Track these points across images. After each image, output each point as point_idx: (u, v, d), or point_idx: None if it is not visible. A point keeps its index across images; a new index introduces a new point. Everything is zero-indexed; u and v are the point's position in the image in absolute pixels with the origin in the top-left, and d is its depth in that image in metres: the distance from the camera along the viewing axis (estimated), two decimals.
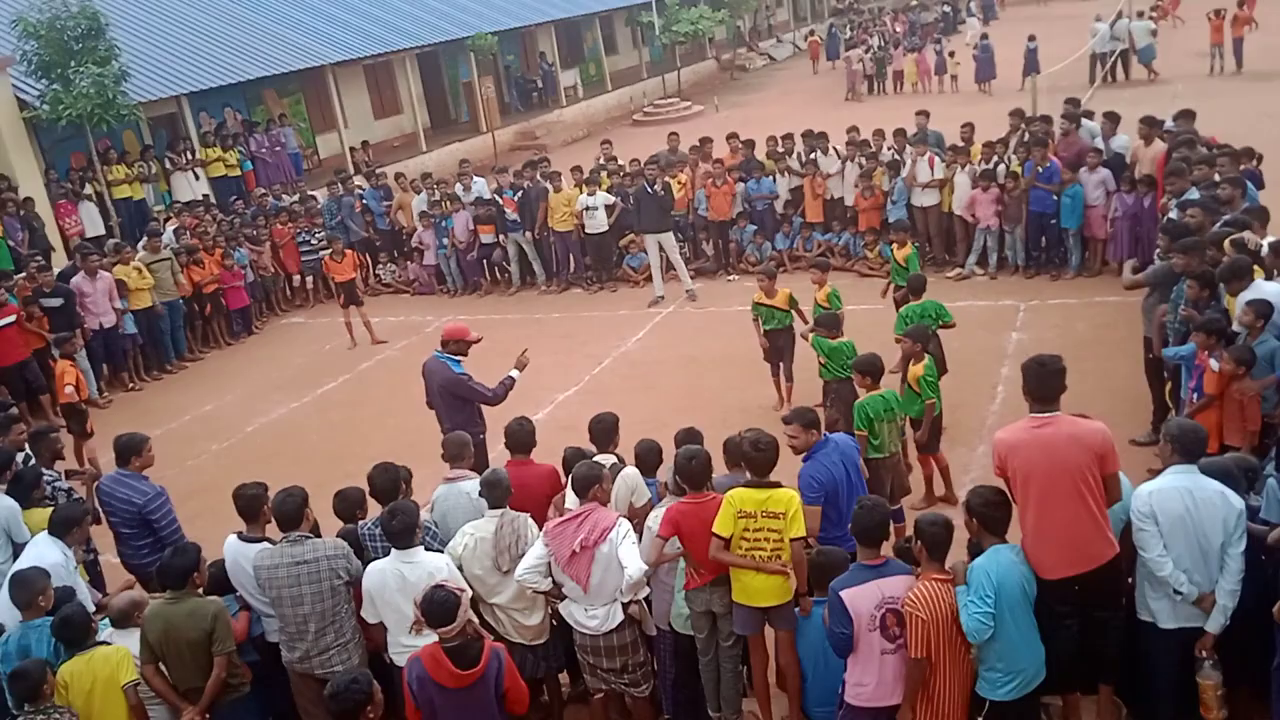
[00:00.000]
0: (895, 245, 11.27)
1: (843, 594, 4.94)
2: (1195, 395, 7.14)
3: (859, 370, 7.70)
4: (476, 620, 5.82)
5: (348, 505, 6.27)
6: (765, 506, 5.35)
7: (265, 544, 5.92)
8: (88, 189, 18.59)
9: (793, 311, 10.24)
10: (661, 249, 14.50)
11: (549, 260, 16.07)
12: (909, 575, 4.97)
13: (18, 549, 6.84)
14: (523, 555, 5.74)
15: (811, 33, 40.83)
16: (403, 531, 5.51)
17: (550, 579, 5.69)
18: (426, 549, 5.73)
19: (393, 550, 5.57)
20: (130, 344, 14.12)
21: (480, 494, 6.03)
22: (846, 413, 8.09)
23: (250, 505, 6.03)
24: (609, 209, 15.24)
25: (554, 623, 6.06)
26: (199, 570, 5.68)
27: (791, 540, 5.32)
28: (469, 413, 8.25)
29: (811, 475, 5.93)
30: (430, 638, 4.95)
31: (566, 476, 6.44)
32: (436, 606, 4.78)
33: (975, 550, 5.15)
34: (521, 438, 6.65)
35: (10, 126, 17.99)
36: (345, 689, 4.45)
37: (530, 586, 5.70)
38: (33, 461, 8.08)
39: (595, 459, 6.54)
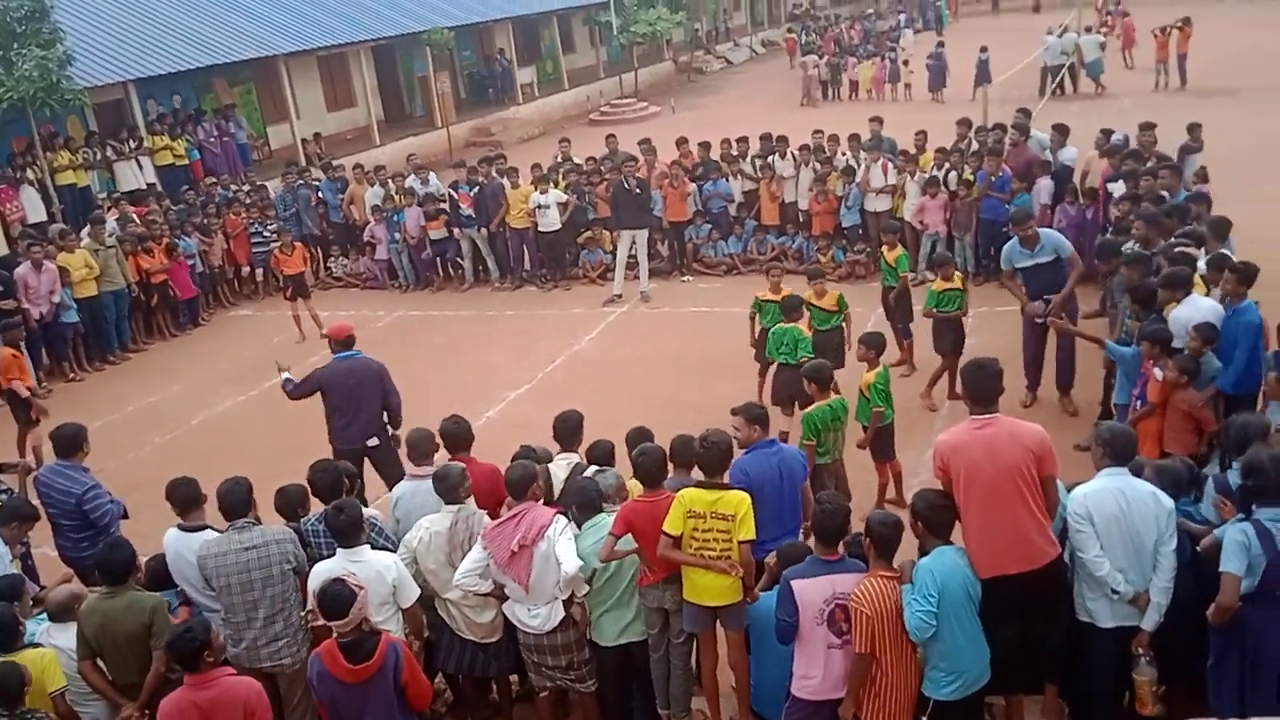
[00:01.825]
0: (885, 247, 11.33)
1: (793, 583, 5.01)
2: (1139, 402, 7.30)
3: (807, 377, 7.70)
4: (421, 619, 5.82)
5: (289, 502, 6.15)
6: (715, 508, 5.37)
7: (208, 531, 5.82)
8: (30, 174, 18.15)
9: (843, 313, 10.22)
10: (633, 245, 14.49)
11: (503, 257, 15.99)
12: (861, 573, 5.03)
13: None
14: None
15: (789, 30, 41.32)
16: (349, 528, 5.45)
17: (490, 581, 5.65)
18: (375, 547, 5.67)
19: (338, 550, 5.49)
20: (72, 333, 13.81)
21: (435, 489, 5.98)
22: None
23: (185, 495, 5.94)
24: (561, 207, 15.21)
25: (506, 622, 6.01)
26: (136, 564, 5.57)
27: (740, 542, 5.34)
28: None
29: (742, 467, 5.92)
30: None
31: None
32: (331, 599, 4.80)
33: (925, 552, 5.21)
34: (459, 435, 6.53)
35: None
36: (179, 637, 4.68)
37: (469, 589, 5.67)
38: None
39: (557, 457, 6.53)
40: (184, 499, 5.97)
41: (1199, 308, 7.51)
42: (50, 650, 5.32)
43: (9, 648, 5.23)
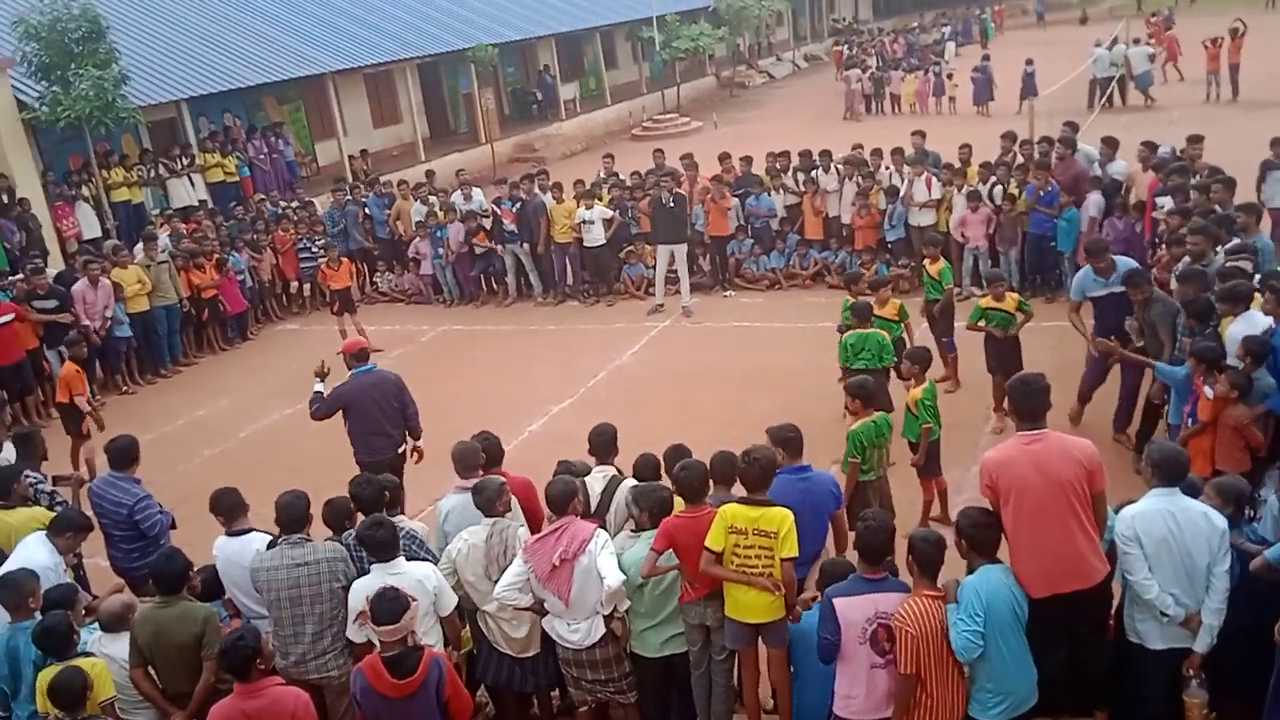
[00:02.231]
0: (928, 260, 11.23)
1: (835, 601, 4.97)
2: (1190, 420, 7.17)
3: (850, 393, 7.64)
4: (459, 628, 5.87)
5: (337, 514, 6.25)
6: (757, 524, 5.33)
7: (254, 534, 5.91)
8: (85, 191, 18.58)
9: (903, 323, 10.15)
10: (673, 260, 14.53)
11: (547, 272, 16.08)
12: (905, 592, 4.98)
13: None
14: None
15: (836, 43, 41.55)
16: (387, 542, 5.51)
17: (531, 595, 5.65)
18: (411, 558, 5.73)
19: (375, 566, 5.53)
20: (125, 347, 14.09)
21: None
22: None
23: (229, 504, 6.11)
24: (606, 223, 15.27)
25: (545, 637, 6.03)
26: (189, 575, 5.68)
27: (783, 560, 5.30)
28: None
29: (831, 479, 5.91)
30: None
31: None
32: (386, 604, 4.85)
33: (971, 570, 5.16)
34: (491, 452, 6.62)
35: (9, 127, 17.97)
36: (233, 645, 4.76)
37: (509, 603, 5.67)
38: (13, 461, 8.04)
39: (594, 470, 6.54)
40: (228, 508, 6.12)
41: (1255, 324, 7.28)
42: (102, 660, 5.41)
43: (64, 656, 5.33)
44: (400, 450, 8.58)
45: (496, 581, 5.76)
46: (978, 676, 4.92)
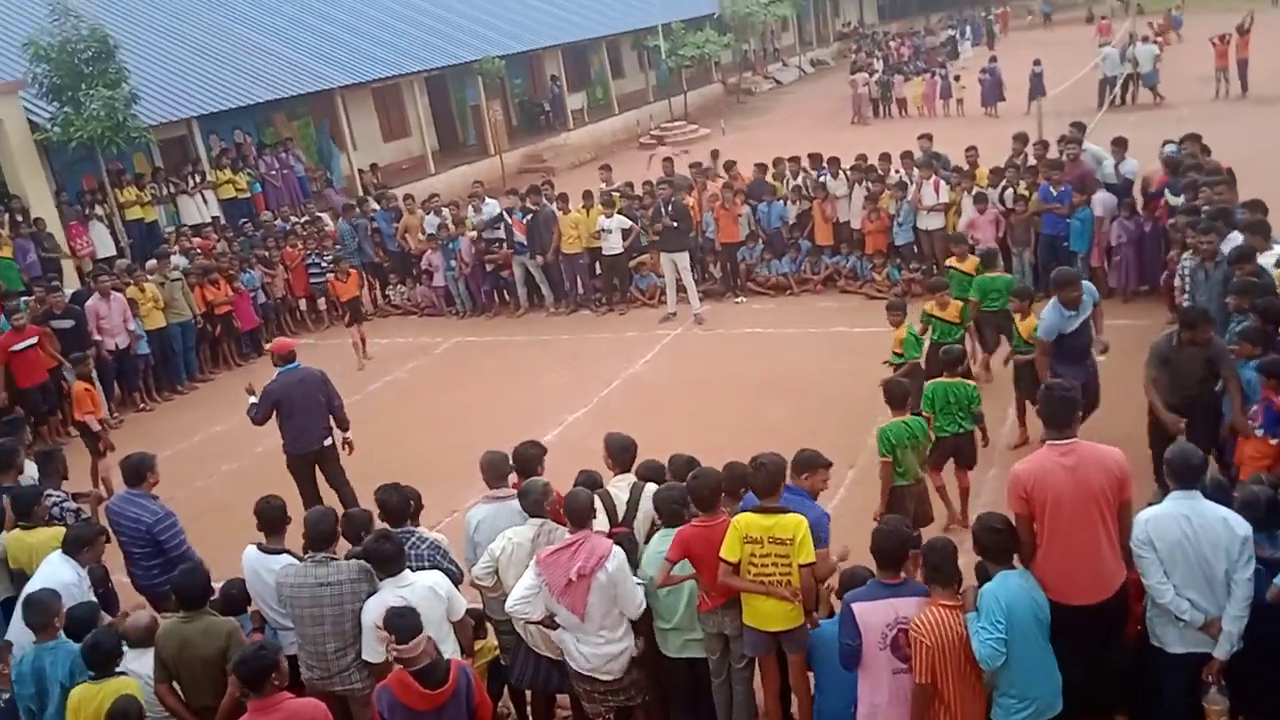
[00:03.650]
0: (956, 259, 11.28)
1: (854, 606, 4.96)
2: (1261, 430, 6.86)
3: (886, 395, 7.61)
4: (471, 634, 5.94)
5: (354, 527, 6.29)
6: (772, 533, 5.31)
7: (287, 556, 5.95)
8: (99, 210, 18.72)
9: (965, 325, 10.08)
10: (676, 268, 14.56)
11: (558, 282, 16.12)
12: (924, 596, 4.97)
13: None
14: None
15: (851, 47, 41.72)
16: (394, 556, 5.53)
17: (542, 608, 5.61)
18: (434, 569, 5.77)
19: (384, 582, 5.53)
20: (143, 364, 14.19)
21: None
22: None
23: (274, 518, 6.13)
24: (625, 232, 15.30)
25: None
26: (211, 590, 5.72)
27: (800, 566, 5.29)
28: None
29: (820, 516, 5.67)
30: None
31: None
32: (401, 620, 4.86)
33: (983, 576, 5.15)
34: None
35: (22, 148, 18.09)
36: (253, 654, 4.78)
37: (521, 617, 5.66)
38: (36, 478, 8.10)
39: (616, 479, 6.53)
40: (271, 521, 6.15)
41: None
42: (135, 680, 5.44)
43: (106, 672, 5.36)
44: (327, 442, 9.32)
45: None
46: (1000, 683, 4.90)
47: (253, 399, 9.23)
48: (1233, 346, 7.43)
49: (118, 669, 5.47)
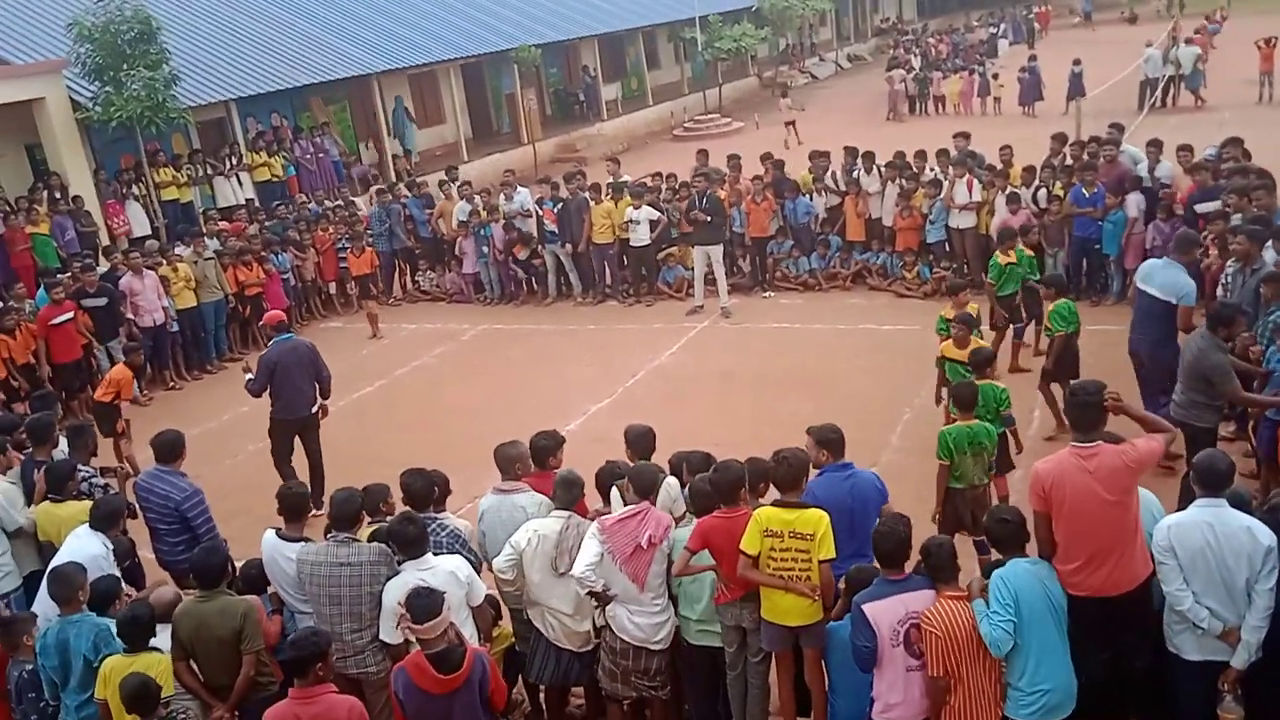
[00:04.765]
0: (1000, 253, 11.23)
1: (865, 607, 4.96)
2: None
3: (951, 398, 7.57)
4: (490, 619, 5.96)
5: (373, 500, 6.33)
6: (793, 527, 5.31)
7: (304, 543, 5.99)
8: (135, 190, 18.94)
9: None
10: (709, 260, 14.54)
11: (586, 272, 16.14)
12: (931, 589, 4.98)
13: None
14: None
15: (889, 43, 41.56)
16: (418, 539, 5.56)
17: (601, 580, 5.63)
18: (454, 555, 5.79)
19: (406, 564, 5.57)
20: (172, 342, 14.34)
21: (552, 493, 6.04)
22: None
23: (296, 505, 6.17)
24: (653, 224, 15.28)
25: (596, 629, 6.04)
26: (229, 569, 5.76)
27: (820, 562, 5.29)
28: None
29: (811, 489, 5.72)
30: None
31: (601, 491, 6.48)
32: (422, 601, 4.89)
33: (989, 570, 5.16)
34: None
35: (64, 127, 18.36)
36: (305, 638, 4.86)
37: (588, 585, 5.61)
38: (66, 451, 8.21)
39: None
40: (292, 507, 6.18)
41: None
42: (166, 656, 5.50)
43: (139, 647, 5.44)
44: (315, 409, 9.89)
45: (563, 575, 5.75)
46: (1012, 673, 4.91)
47: (249, 375, 9.76)
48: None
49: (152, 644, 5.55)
